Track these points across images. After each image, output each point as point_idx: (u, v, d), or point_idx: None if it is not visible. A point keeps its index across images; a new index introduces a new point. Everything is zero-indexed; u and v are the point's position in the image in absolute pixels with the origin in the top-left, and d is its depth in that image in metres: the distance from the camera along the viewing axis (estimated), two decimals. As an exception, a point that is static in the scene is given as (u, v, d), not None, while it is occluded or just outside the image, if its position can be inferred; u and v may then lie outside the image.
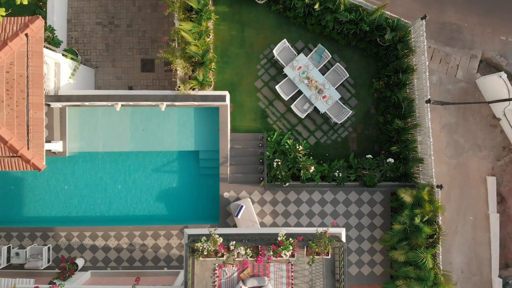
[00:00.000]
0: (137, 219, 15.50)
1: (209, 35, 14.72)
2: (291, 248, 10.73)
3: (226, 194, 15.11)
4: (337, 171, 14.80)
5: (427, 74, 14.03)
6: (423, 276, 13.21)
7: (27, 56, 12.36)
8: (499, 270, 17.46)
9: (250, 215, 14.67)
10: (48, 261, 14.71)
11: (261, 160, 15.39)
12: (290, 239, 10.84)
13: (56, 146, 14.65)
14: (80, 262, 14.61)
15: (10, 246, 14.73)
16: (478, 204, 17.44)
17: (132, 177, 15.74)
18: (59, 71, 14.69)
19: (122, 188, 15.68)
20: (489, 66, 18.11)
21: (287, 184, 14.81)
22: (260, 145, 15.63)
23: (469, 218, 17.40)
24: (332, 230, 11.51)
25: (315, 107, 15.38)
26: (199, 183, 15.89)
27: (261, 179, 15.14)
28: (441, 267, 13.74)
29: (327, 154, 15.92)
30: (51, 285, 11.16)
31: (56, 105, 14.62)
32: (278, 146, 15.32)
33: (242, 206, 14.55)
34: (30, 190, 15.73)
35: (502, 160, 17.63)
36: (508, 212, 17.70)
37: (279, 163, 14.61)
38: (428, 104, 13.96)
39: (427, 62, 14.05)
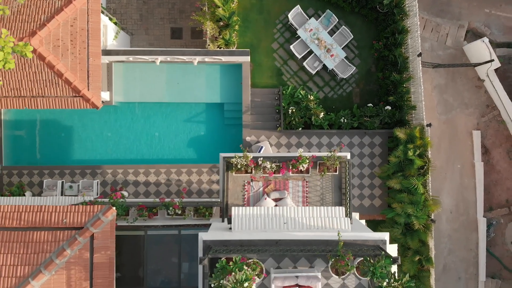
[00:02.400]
0: (172, 161, 18.09)
1: (234, 1, 17.35)
2: (307, 161, 13.31)
3: (248, 138, 17.72)
4: (343, 118, 17.41)
5: (419, 33, 16.66)
6: (415, 201, 15.80)
7: (87, 13, 14.96)
8: (484, 212, 19.95)
9: (268, 155, 17.23)
10: (97, 194, 17.27)
11: (277, 110, 17.98)
12: (306, 155, 13.44)
13: (104, 95, 17.23)
14: (124, 194, 17.17)
15: (63, 182, 17.30)
16: (465, 154, 19.93)
17: (167, 125, 18.35)
18: (106, 32, 17.27)
19: (159, 134, 18.29)
20: (475, 36, 20.64)
21: (300, 128, 17.41)
22: (276, 98, 18.22)
23: (457, 166, 19.91)
24: (339, 154, 14.04)
25: (324, 64, 18.00)
26: (224, 131, 18.49)
27: (278, 125, 17.73)
28: (430, 193, 16.32)
29: (333, 107, 18.51)
30: (115, 192, 13.73)
31: (103, 60, 17.19)
32: (292, 98, 17.89)
33: (262, 147, 17.14)
34: (78, 137, 18.32)
35: (486, 116, 20.13)
36: (491, 162, 20.22)
37: (294, 110, 17.22)
38: (420, 58, 16.57)
39: (418, 23, 16.67)
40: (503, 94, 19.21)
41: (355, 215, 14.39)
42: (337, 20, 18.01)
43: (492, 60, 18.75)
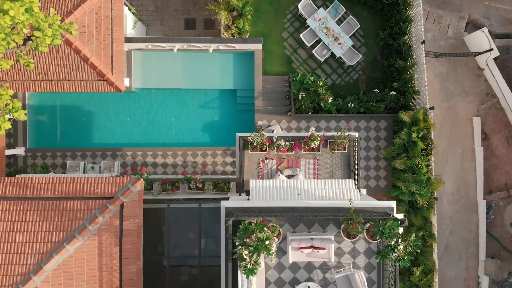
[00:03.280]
0: (188, 144, 19.05)
1: (247, -8, 18.38)
2: (318, 139, 14.28)
3: (260, 122, 18.67)
4: (350, 103, 18.37)
5: (422, 21, 17.62)
6: (418, 179, 16.75)
7: (111, 1, 15.93)
8: (484, 195, 20.86)
9: (279, 138, 18.17)
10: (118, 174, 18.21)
11: (287, 96, 18.94)
12: (318, 133, 14.40)
13: (124, 81, 18.15)
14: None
15: (85, 163, 18.25)
16: (466, 139, 20.85)
17: (182, 110, 19.32)
18: (126, 21, 18.20)
19: (175, 120, 19.25)
20: (475, 27, 21.55)
21: (309, 113, 18.37)
22: (287, 85, 19.18)
23: (458, 151, 20.84)
24: (348, 133, 15.01)
25: (332, 52, 18.96)
26: (237, 116, 19.46)
27: (288, 110, 18.68)
28: (433, 172, 17.28)
29: (341, 93, 19.47)
30: (140, 168, 14.69)
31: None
32: (301, 85, 18.84)
33: (273, 130, 18.08)
34: (99, 122, 19.28)
35: (486, 104, 21.06)
36: (490, 147, 21.15)
37: (303, 95, 18.18)
38: (423, 45, 17.53)
39: (421, 12, 17.64)
40: (502, 83, 20.10)
41: (363, 191, 15.32)
42: (345, 10, 19.01)
43: (492, 49, 19.68)
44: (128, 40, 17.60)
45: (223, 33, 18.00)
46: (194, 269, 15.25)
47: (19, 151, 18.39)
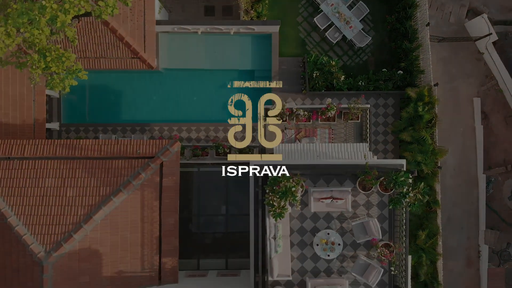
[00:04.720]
0: (209, 120, 20.53)
1: (265, -22, 19.97)
2: (335, 109, 15.82)
3: (276, 100, 20.19)
4: (360, 81, 19.92)
5: (427, 6, 19.18)
6: (424, 150, 18.27)
7: (144, -14, 17.48)
8: (484, 170, 22.35)
9: (295, 114, 19.68)
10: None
11: (302, 76, 20.47)
12: (334, 104, 15.95)
13: (152, 61, 19.69)
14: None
15: (116, 137, 19.73)
16: (466, 119, 22.26)
17: (204, 90, 20.81)
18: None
19: (197, 99, 20.78)
20: (475, 14, 22.93)
21: (323, 90, 19.89)
22: (301, 65, 20.71)
23: (459, 129, 22.25)
24: (360, 106, 16.55)
25: (343, 35, 20.51)
26: (254, 95, 20.89)
27: (303, 89, 20.20)
28: (437, 144, 18.81)
29: (351, 73, 20.99)
30: (175, 134, 16.21)
31: (152, 30, 19.64)
32: (315, 65, 20.36)
33: (289, 107, 19.62)
34: (128, 100, 20.75)
35: (485, 85, 22.51)
36: (490, 126, 22.58)
37: (317, 74, 19.71)
38: (428, 27, 19.08)
39: (426, -2, 19.24)
40: (500, 66, 21.45)
41: (375, 157, 16.85)
42: (355, -4, 20.64)
43: (491, 34, 21.15)
44: (158, 22, 19.07)
45: (243, 17, 19.55)
46: (218, 234, 16.86)
47: (54, 125, 19.90)
